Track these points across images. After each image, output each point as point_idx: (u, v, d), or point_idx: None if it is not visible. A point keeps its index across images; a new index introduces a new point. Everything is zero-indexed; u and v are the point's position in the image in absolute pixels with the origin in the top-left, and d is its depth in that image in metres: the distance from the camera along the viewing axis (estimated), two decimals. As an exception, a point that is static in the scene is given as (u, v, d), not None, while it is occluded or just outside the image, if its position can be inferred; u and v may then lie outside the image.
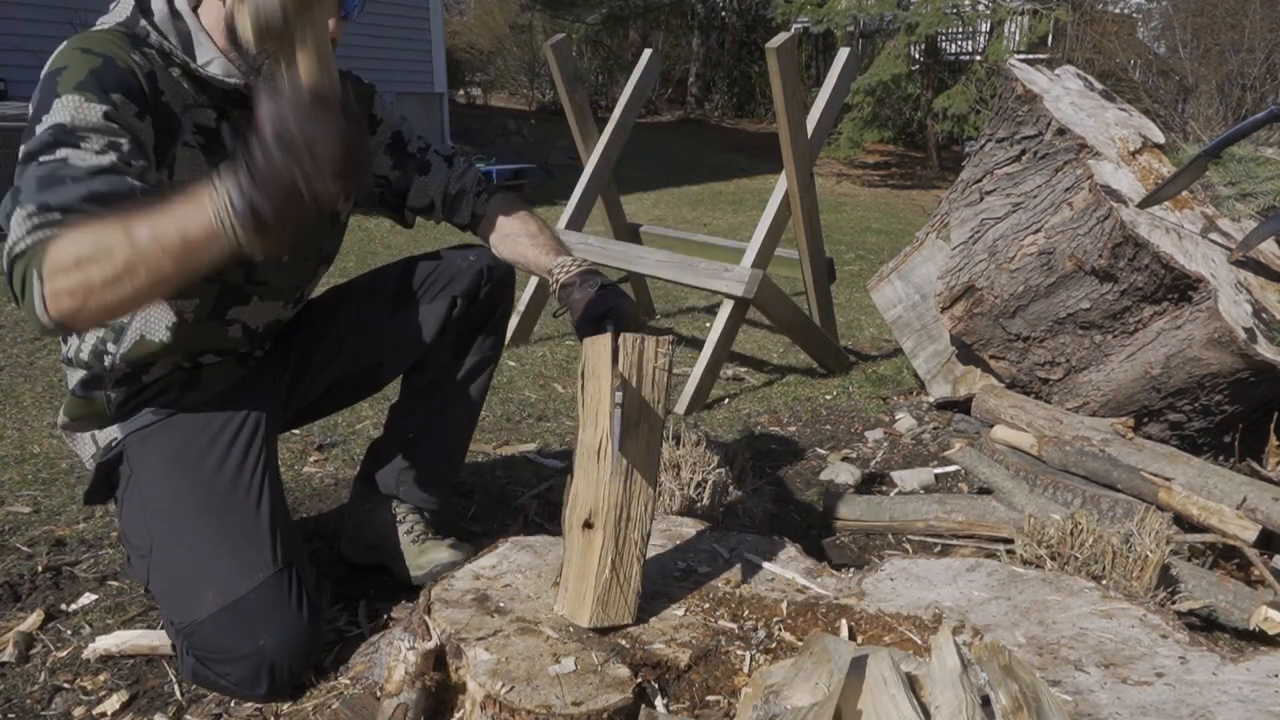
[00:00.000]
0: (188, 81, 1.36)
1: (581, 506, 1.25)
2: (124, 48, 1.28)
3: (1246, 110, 6.95)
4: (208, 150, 1.38)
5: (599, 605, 1.23)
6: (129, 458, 1.47)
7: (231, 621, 1.33)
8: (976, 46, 11.31)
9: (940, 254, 2.69)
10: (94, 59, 1.24)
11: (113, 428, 1.50)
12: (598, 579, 1.23)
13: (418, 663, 1.17)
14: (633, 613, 1.26)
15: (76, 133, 1.17)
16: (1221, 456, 2.28)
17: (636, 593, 1.26)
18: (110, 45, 1.27)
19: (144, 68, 1.29)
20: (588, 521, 1.24)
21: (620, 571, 1.24)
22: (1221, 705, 1.09)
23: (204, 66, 1.35)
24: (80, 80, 1.21)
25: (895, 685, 0.96)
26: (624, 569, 1.24)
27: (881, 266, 2.97)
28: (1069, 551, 1.64)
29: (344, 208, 1.62)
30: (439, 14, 9.12)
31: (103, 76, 1.23)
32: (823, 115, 2.99)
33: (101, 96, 1.21)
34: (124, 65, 1.26)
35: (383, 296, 1.70)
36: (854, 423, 2.82)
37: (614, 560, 1.24)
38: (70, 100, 1.20)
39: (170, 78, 1.33)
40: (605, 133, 3.52)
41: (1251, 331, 2.03)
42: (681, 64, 15.48)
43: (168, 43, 1.33)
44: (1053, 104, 2.43)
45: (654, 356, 1.25)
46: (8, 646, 1.49)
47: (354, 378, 1.73)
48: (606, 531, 1.23)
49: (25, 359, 3.05)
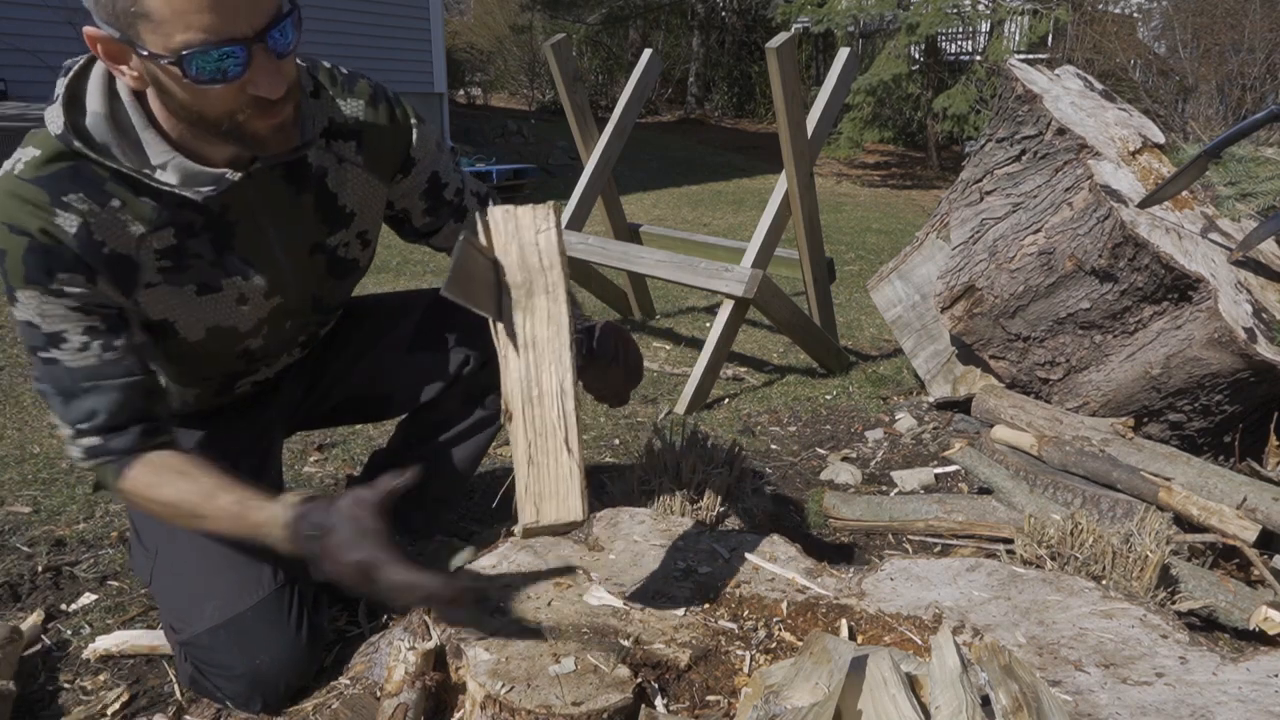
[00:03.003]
0: (137, 199, 1.19)
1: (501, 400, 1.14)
2: (48, 201, 1.13)
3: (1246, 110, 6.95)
4: (175, 272, 1.26)
5: (529, 501, 1.10)
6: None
7: (230, 638, 1.32)
8: (976, 46, 11.31)
9: (940, 254, 2.69)
10: (21, 240, 1.13)
11: None
12: (522, 472, 1.10)
13: (418, 663, 1.17)
14: (579, 508, 1.10)
15: (52, 334, 1.18)
16: (1221, 456, 2.28)
17: (578, 483, 1.11)
18: (29, 215, 1.13)
19: (70, 226, 1.14)
20: (507, 412, 1.13)
21: (543, 458, 1.11)
22: (1221, 705, 1.09)
23: (159, 172, 1.17)
24: (23, 273, 1.14)
25: (895, 685, 0.96)
26: (548, 456, 1.11)
27: (881, 266, 2.97)
28: (1069, 551, 1.64)
29: (361, 256, 1.50)
30: (439, 14, 9.11)
31: (39, 260, 1.13)
32: (823, 115, 2.98)
33: (48, 287, 1.15)
34: (50, 240, 1.13)
35: (404, 328, 1.64)
36: (854, 423, 2.82)
37: (530, 445, 1.11)
38: (30, 300, 1.16)
39: (110, 215, 1.17)
40: (605, 133, 3.52)
41: (1251, 331, 2.03)
42: (681, 64, 15.48)
43: (109, 158, 1.15)
44: (1053, 104, 2.43)
45: (532, 223, 1.16)
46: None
47: (362, 403, 1.70)
48: (519, 415, 1.12)
49: (25, 359, 3.05)
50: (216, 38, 1.02)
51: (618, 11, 15.10)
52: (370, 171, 1.40)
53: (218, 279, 1.30)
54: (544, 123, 11.59)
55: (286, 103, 1.13)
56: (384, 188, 1.44)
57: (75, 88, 1.16)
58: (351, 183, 1.39)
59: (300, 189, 1.33)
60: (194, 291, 1.29)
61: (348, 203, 1.40)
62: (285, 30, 1.08)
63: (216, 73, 1.04)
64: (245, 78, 1.06)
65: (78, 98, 1.15)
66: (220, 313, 1.33)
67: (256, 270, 1.33)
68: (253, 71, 1.06)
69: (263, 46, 1.06)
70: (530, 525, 1.11)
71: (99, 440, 1.22)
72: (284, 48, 1.09)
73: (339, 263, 1.45)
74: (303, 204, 1.34)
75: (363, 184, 1.40)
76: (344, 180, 1.38)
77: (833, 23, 9.94)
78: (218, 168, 1.20)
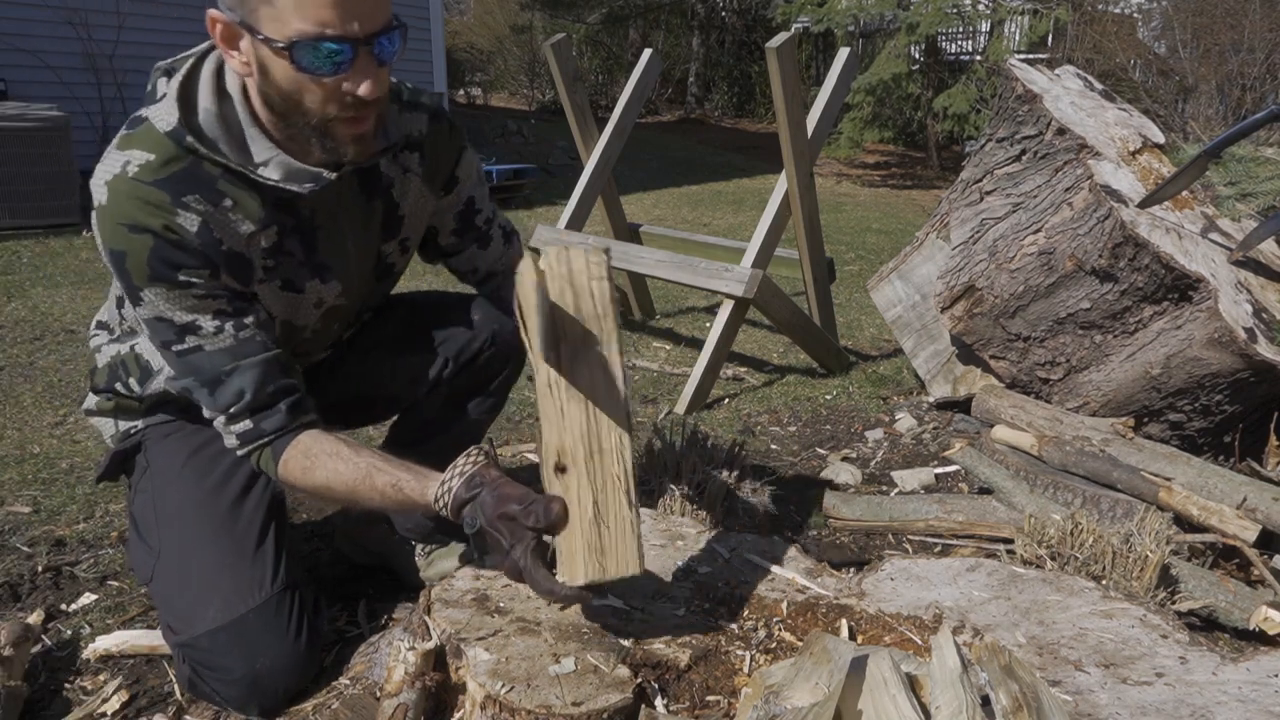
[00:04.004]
0: (246, 197, 1.25)
1: (550, 451, 1.12)
2: (169, 201, 1.19)
3: (1246, 110, 6.95)
4: (274, 270, 1.32)
5: (594, 556, 1.10)
6: (147, 449, 1.48)
7: (229, 640, 1.32)
8: (976, 46, 11.31)
9: (940, 254, 2.69)
10: (145, 239, 1.18)
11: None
12: (582, 525, 1.10)
13: (418, 663, 1.17)
14: (636, 561, 1.11)
15: (185, 325, 1.23)
16: (1221, 456, 2.28)
17: (635, 536, 1.11)
18: (152, 215, 1.18)
19: (192, 225, 1.20)
20: (558, 465, 1.12)
21: (606, 513, 1.11)
22: (1221, 705, 1.09)
23: (261, 168, 1.23)
24: (149, 273, 1.20)
25: (895, 685, 0.96)
26: (610, 510, 1.11)
27: (881, 266, 2.97)
28: (1069, 551, 1.64)
29: (399, 262, 1.54)
30: (439, 14, 9.11)
31: (164, 256, 1.19)
32: (823, 115, 2.98)
33: (175, 280, 1.21)
34: (175, 236, 1.19)
35: (392, 328, 1.64)
36: (854, 423, 2.82)
37: (595, 501, 1.11)
38: (156, 296, 1.22)
39: (223, 215, 1.24)
40: (605, 133, 3.52)
41: (1252, 331, 2.03)
42: (681, 64, 15.48)
43: (219, 154, 1.21)
44: (1053, 104, 2.43)
45: (586, 267, 1.11)
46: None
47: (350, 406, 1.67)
48: (579, 469, 1.11)
49: (25, 359, 3.05)
50: (329, 32, 1.09)
51: (618, 11, 15.09)
52: (426, 184, 1.47)
53: (303, 280, 1.37)
54: (544, 123, 11.59)
55: (374, 109, 1.20)
56: (434, 200, 1.51)
57: (186, 88, 1.22)
58: (411, 194, 1.46)
59: (371, 196, 1.40)
60: (279, 287, 1.35)
61: (405, 212, 1.47)
62: (392, 39, 1.16)
63: (321, 65, 1.12)
64: (346, 76, 1.14)
65: (189, 98, 1.21)
66: (295, 310, 1.39)
67: (334, 273, 1.40)
68: (354, 72, 1.14)
69: (368, 50, 1.14)
70: (595, 581, 1.12)
71: (250, 424, 1.28)
72: (387, 56, 1.17)
73: (385, 268, 1.51)
74: (373, 210, 1.42)
75: (418, 195, 1.47)
76: (406, 190, 1.45)
77: (833, 22, 9.94)
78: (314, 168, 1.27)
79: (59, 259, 4.63)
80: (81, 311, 3.66)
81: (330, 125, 1.19)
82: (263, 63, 1.15)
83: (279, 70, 1.14)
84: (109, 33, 6.13)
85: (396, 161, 1.42)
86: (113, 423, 1.52)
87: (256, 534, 1.40)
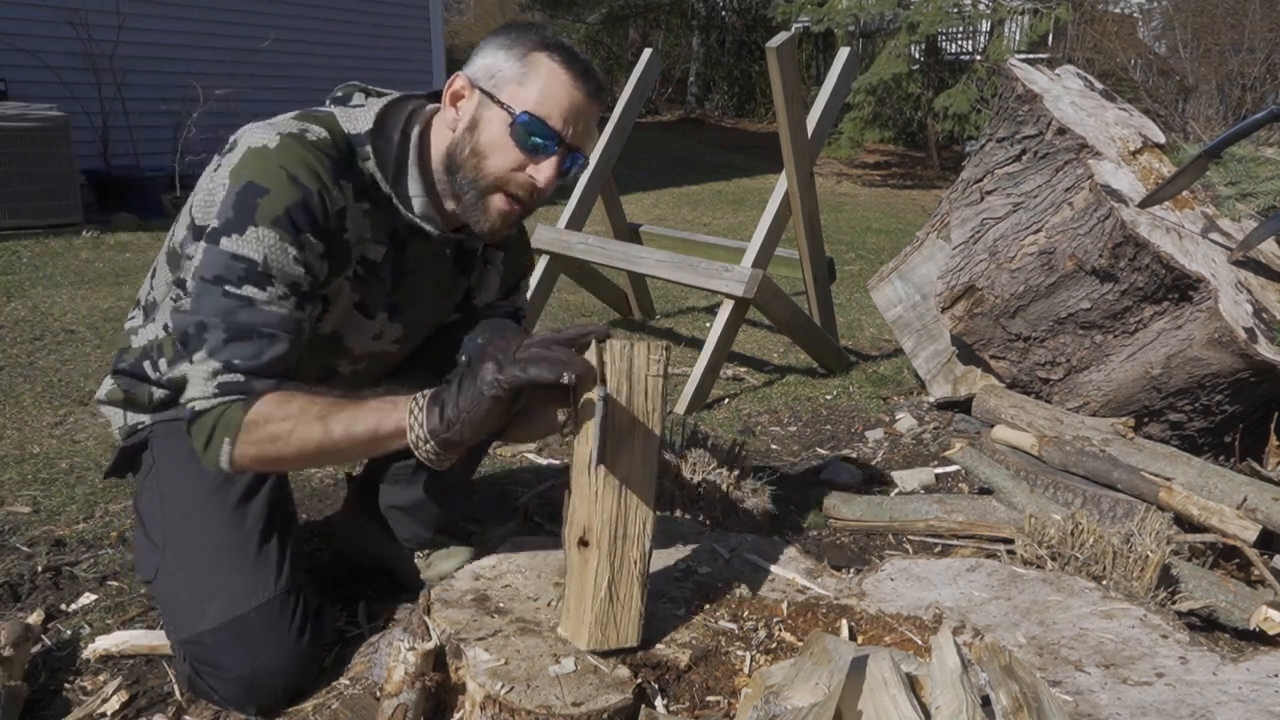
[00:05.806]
0: (377, 213, 1.36)
1: (576, 524, 1.19)
2: (329, 176, 1.28)
3: (1246, 110, 6.95)
4: (359, 282, 1.39)
5: (597, 627, 1.18)
6: (154, 446, 1.47)
7: (231, 639, 1.32)
8: (977, 46, 11.31)
9: (940, 254, 2.69)
10: (296, 190, 1.24)
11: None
12: (594, 600, 1.18)
13: (417, 663, 1.16)
14: (636, 635, 1.20)
15: (266, 274, 1.24)
16: (1222, 456, 2.28)
17: (639, 614, 1.20)
18: (316, 174, 1.26)
19: (337, 204, 1.29)
20: (583, 539, 1.18)
21: (619, 592, 1.18)
22: (1221, 705, 1.09)
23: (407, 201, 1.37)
24: (278, 215, 1.22)
25: (895, 685, 0.96)
26: (623, 590, 1.19)
27: (881, 266, 2.96)
28: (1069, 551, 1.64)
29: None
30: (439, 14, 9.11)
31: (299, 214, 1.24)
32: (823, 115, 2.98)
33: (294, 236, 1.24)
34: (319, 204, 1.26)
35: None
36: (854, 423, 2.82)
37: (610, 580, 1.18)
38: (266, 236, 1.23)
39: (358, 213, 1.33)
40: (605, 133, 3.52)
41: (1252, 331, 2.03)
42: (681, 64, 15.48)
43: (381, 176, 1.34)
44: (1053, 104, 2.43)
45: (646, 364, 1.16)
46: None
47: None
48: (601, 550, 1.17)
49: (25, 359, 3.05)
50: (552, 124, 1.29)
51: (618, 11, 15.10)
52: (500, 281, 1.64)
53: (376, 308, 1.44)
54: (544, 122, 11.55)
55: (533, 201, 1.35)
56: (496, 296, 1.66)
57: (385, 115, 1.36)
58: (487, 285, 1.63)
59: (460, 273, 1.56)
60: (354, 301, 1.41)
61: (476, 300, 1.63)
62: (578, 160, 1.36)
63: (529, 141, 1.29)
64: (536, 160, 1.30)
65: (384, 123, 1.36)
66: (354, 330, 1.45)
67: (404, 317, 1.49)
68: (544, 162, 1.31)
69: (563, 154, 1.32)
70: (595, 649, 1.19)
71: (242, 378, 1.24)
72: (569, 167, 1.35)
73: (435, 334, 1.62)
74: (457, 286, 1.57)
75: (489, 289, 1.63)
76: (483, 281, 1.62)
77: (833, 22, 9.94)
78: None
79: (59, 259, 4.63)
80: (81, 311, 3.66)
81: (492, 192, 1.32)
82: (478, 119, 1.31)
83: (492, 129, 1.30)
84: (109, 33, 6.12)
85: (484, 253, 1.57)
86: (121, 414, 1.52)
87: (262, 533, 1.40)
